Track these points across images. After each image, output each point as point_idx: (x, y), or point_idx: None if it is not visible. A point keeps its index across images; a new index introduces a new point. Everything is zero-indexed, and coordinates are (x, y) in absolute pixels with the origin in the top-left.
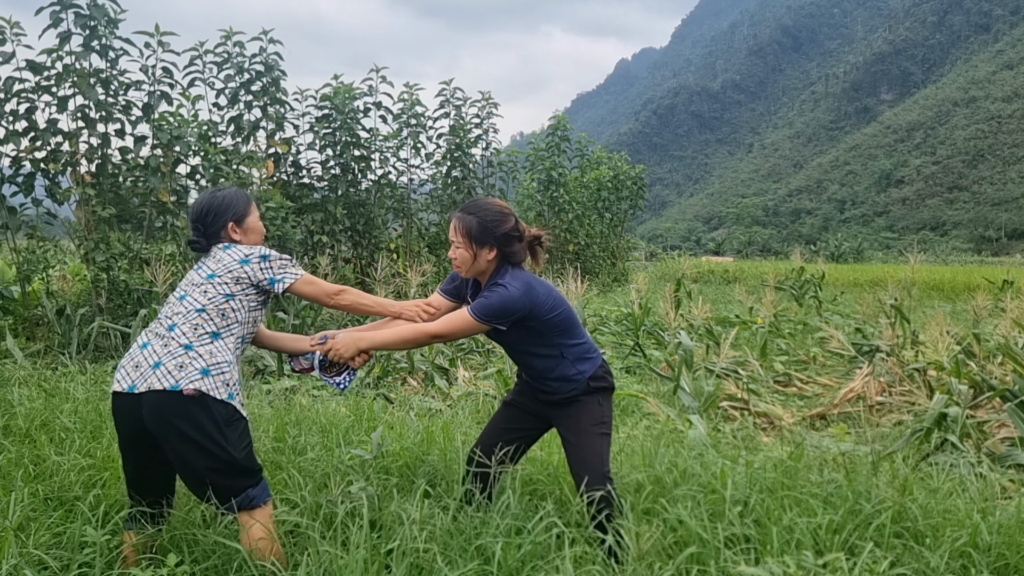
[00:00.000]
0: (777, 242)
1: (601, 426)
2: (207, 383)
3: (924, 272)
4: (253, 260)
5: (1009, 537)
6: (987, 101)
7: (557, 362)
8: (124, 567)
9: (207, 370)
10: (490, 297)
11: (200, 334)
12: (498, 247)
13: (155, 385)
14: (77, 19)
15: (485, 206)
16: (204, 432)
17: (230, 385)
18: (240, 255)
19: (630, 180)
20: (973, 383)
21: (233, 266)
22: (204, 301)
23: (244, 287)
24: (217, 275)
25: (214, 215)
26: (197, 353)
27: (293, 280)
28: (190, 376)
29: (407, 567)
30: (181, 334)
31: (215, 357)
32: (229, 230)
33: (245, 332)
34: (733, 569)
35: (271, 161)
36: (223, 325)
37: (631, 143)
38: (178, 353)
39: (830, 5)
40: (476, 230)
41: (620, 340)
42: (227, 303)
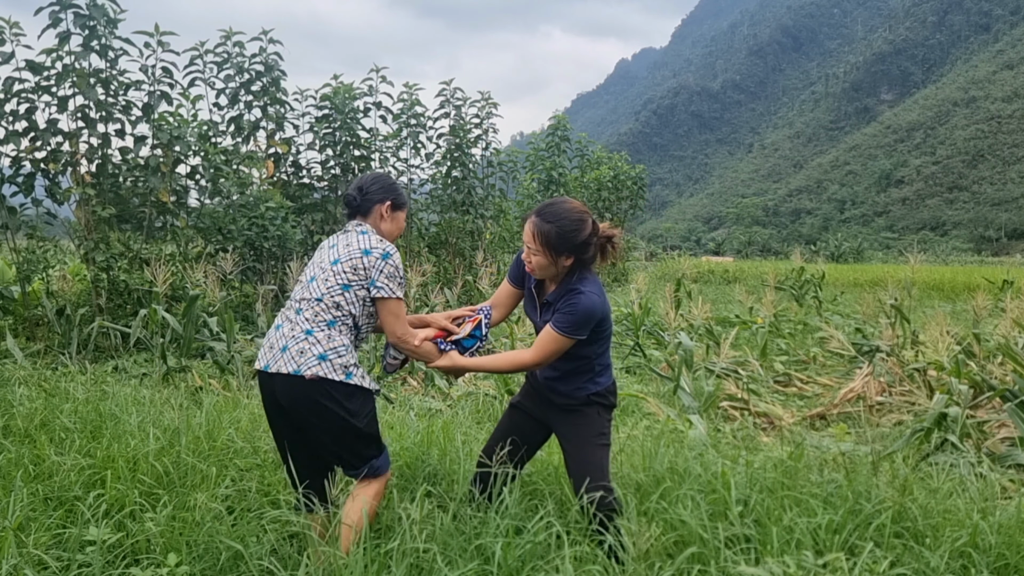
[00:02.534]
0: (777, 242)
1: (601, 437)
2: (324, 367)
3: (924, 272)
4: (375, 253)
5: (1009, 537)
6: (987, 101)
7: (581, 370)
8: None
9: (324, 355)
10: (574, 309)
11: (319, 320)
12: (575, 255)
13: (282, 368)
14: (76, 19)
15: (564, 214)
16: (327, 409)
17: (348, 367)
18: (366, 244)
19: (630, 180)
20: (973, 383)
21: (356, 254)
22: (323, 290)
23: (361, 278)
24: (341, 261)
25: (380, 187)
26: (316, 339)
27: (387, 295)
28: (309, 363)
29: (407, 567)
30: (304, 320)
31: (332, 342)
32: (384, 207)
33: (362, 323)
34: (733, 569)
35: (271, 161)
36: (338, 315)
37: (631, 143)
38: (300, 338)
39: (830, 5)
40: (555, 239)
41: (620, 340)
42: (342, 295)
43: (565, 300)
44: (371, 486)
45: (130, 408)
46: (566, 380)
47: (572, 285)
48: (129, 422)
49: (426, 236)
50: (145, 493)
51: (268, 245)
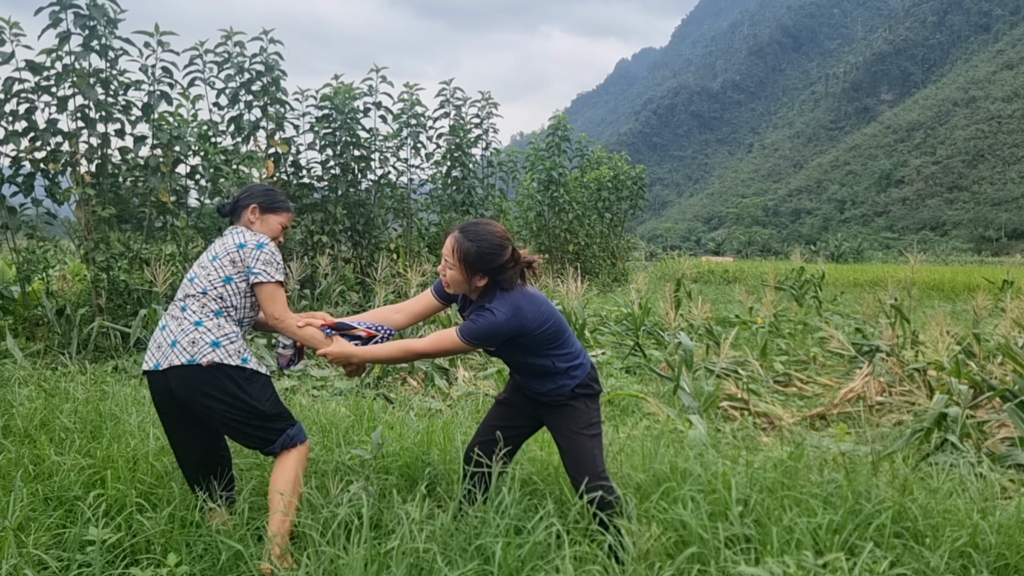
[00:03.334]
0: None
1: (591, 428)
2: (219, 353)
3: (924, 272)
4: (250, 244)
5: (1009, 537)
6: (987, 101)
7: (547, 370)
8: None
9: (217, 342)
10: (477, 321)
11: (207, 311)
12: (489, 276)
13: (175, 361)
14: (76, 19)
15: (486, 236)
16: (229, 393)
17: (242, 352)
18: (241, 239)
19: (630, 180)
20: (973, 383)
21: (231, 248)
22: (206, 284)
23: (239, 270)
24: (219, 256)
25: (250, 193)
26: (206, 328)
27: (265, 279)
28: (203, 351)
29: (407, 567)
30: (192, 312)
31: (222, 329)
32: (249, 210)
33: (243, 316)
34: (733, 569)
35: (271, 161)
36: (222, 306)
37: (631, 143)
38: (190, 330)
39: (830, 5)
40: (472, 258)
41: (620, 340)
42: (224, 287)
43: (475, 310)
44: (289, 456)
45: (130, 408)
46: (540, 385)
47: (484, 303)
48: (129, 422)
49: (426, 236)
50: (145, 493)
51: None
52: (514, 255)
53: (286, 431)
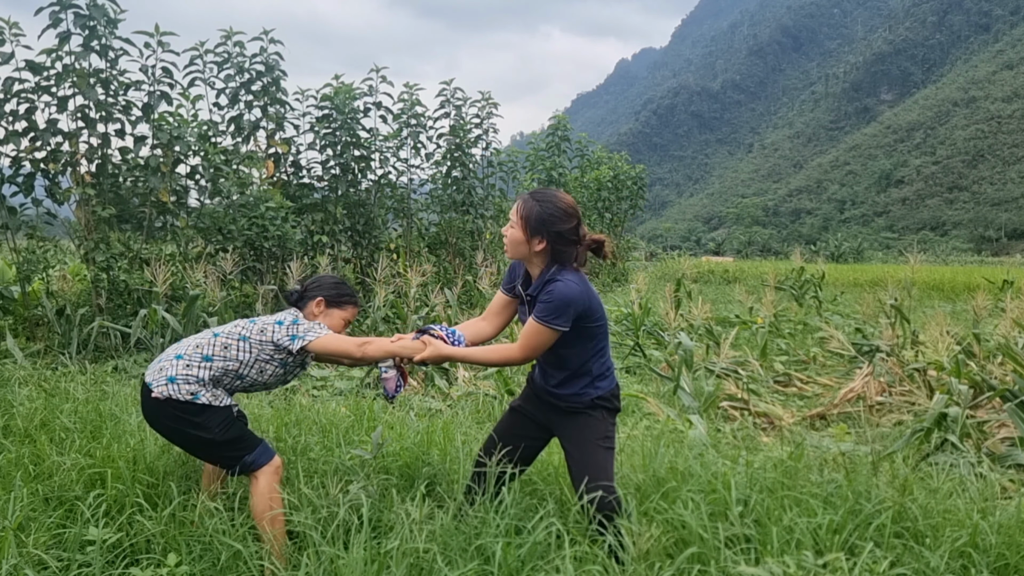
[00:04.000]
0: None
1: (605, 440)
2: (170, 388)
3: (924, 272)
4: (285, 324)
5: (1009, 537)
6: (987, 101)
7: (579, 370)
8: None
9: (173, 378)
10: (551, 296)
11: (197, 351)
12: (549, 242)
13: (145, 377)
14: (76, 19)
15: (554, 199)
16: (175, 426)
17: (193, 392)
18: (281, 317)
19: (630, 180)
20: (973, 383)
21: (268, 321)
22: (222, 331)
23: (263, 339)
24: (256, 322)
25: (318, 285)
26: (175, 364)
27: (314, 337)
28: (159, 381)
29: (407, 567)
30: (187, 347)
31: (189, 370)
32: (314, 303)
33: (246, 372)
34: (733, 569)
35: (271, 161)
36: (219, 354)
37: (631, 143)
38: (168, 357)
39: (830, 5)
40: (535, 218)
41: (620, 340)
42: (236, 342)
43: (543, 290)
44: (258, 481)
45: (130, 408)
46: (566, 385)
47: (549, 276)
48: (129, 422)
49: (426, 236)
50: (145, 493)
51: (268, 245)
52: (578, 229)
53: (242, 458)
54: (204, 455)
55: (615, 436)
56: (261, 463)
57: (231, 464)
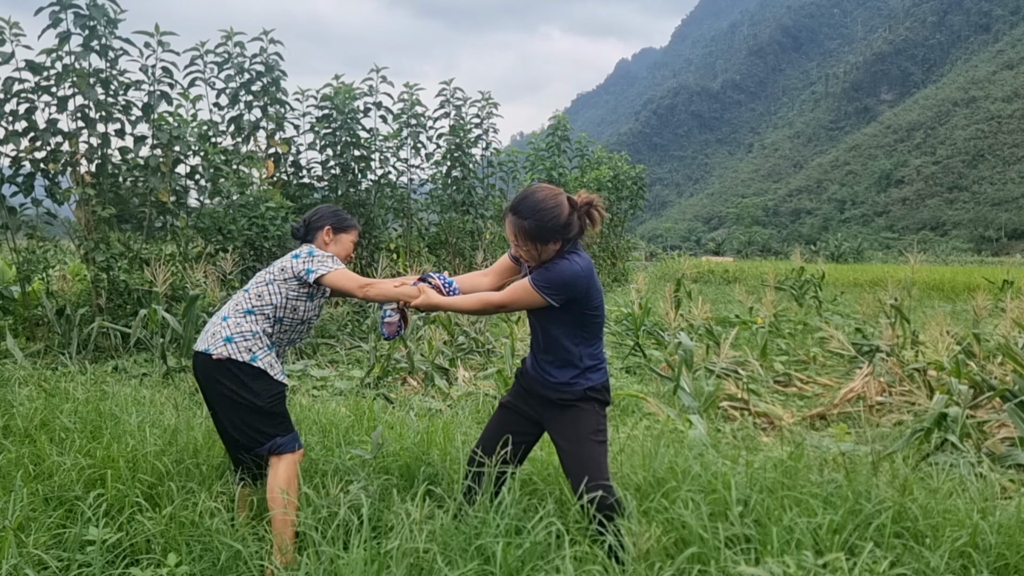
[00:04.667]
0: (777, 242)
1: (597, 434)
2: (229, 348)
3: (924, 272)
4: (301, 256)
5: (1009, 537)
6: (987, 101)
7: (570, 358)
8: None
9: (230, 338)
10: (552, 268)
11: (238, 308)
12: (562, 238)
13: (199, 347)
14: (76, 19)
15: (538, 205)
16: (233, 385)
17: (252, 350)
18: (295, 251)
19: (630, 180)
20: (973, 383)
21: (286, 259)
22: (251, 284)
23: (286, 276)
24: (273, 265)
25: (321, 215)
26: (227, 324)
27: (326, 271)
28: (216, 344)
29: (407, 567)
30: (227, 307)
31: (240, 327)
32: (324, 232)
33: (282, 315)
34: (733, 569)
35: (271, 161)
36: (257, 304)
37: (631, 143)
38: (217, 323)
39: (830, 5)
40: (536, 232)
41: (620, 340)
42: (266, 288)
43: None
44: (279, 466)
45: (130, 408)
46: (556, 373)
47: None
48: (129, 422)
49: (426, 236)
50: (145, 493)
51: (268, 245)
52: (571, 204)
53: (276, 437)
54: (241, 424)
55: (607, 429)
56: (289, 448)
57: (262, 440)
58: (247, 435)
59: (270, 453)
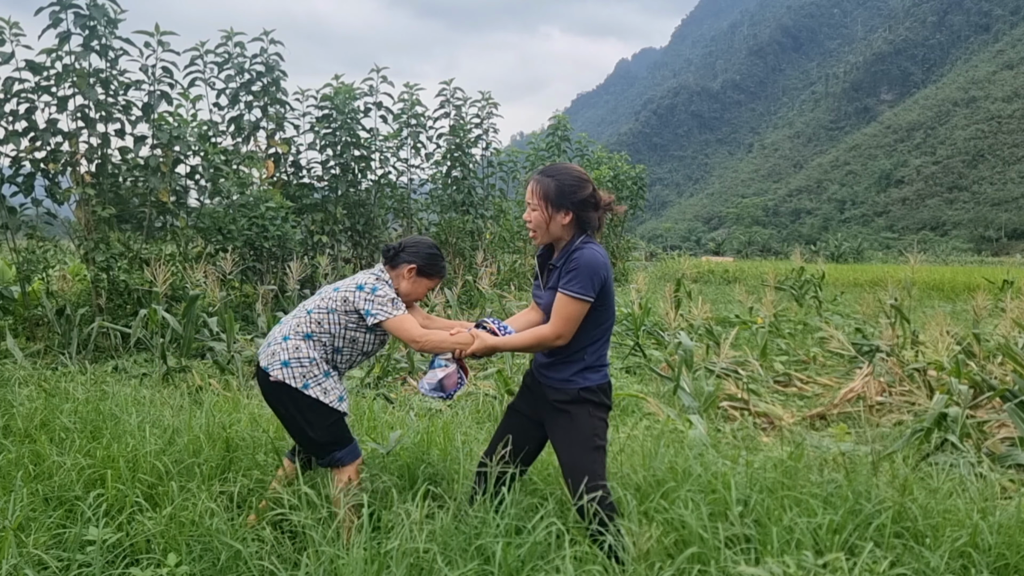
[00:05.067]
0: (777, 242)
1: (593, 439)
2: (284, 372)
3: (924, 272)
4: (366, 289)
5: (1009, 537)
6: (987, 101)
7: (575, 356)
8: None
9: (287, 362)
10: (577, 263)
11: (299, 330)
12: (575, 212)
13: (261, 363)
14: (76, 19)
15: (564, 170)
16: (287, 410)
17: (306, 377)
18: (363, 280)
19: (630, 180)
20: (973, 383)
21: (351, 287)
22: (314, 306)
23: (347, 308)
24: (340, 289)
25: (416, 251)
26: (286, 346)
27: (385, 318)
28: (274, 365)
29: (407, 567)
30: (290, 326)
31: (299, 352)
32: (407, 267)
33: (341, 345)
34: (733, 569)
35: (271, 161)
36: (316, 330)
37: (631, 143)
38: (277, 341)
39: (830, 5)
40: (554, 193)
41: (620, 340)
42: (326, 316)
43: (567, 259)
44: (341, 474)
45: (130, 408)
46: (557, 367)
47: (574, 246)
48: (129, 422)
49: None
50: (145, 493)
51: (268, 245)
52: (595, 194)
53: (333, 454)
54: (300, 441)
55: (605, 433)
56: (348, 461)
57: (321, 456)
58: (306, 448)
59: (330, 466)
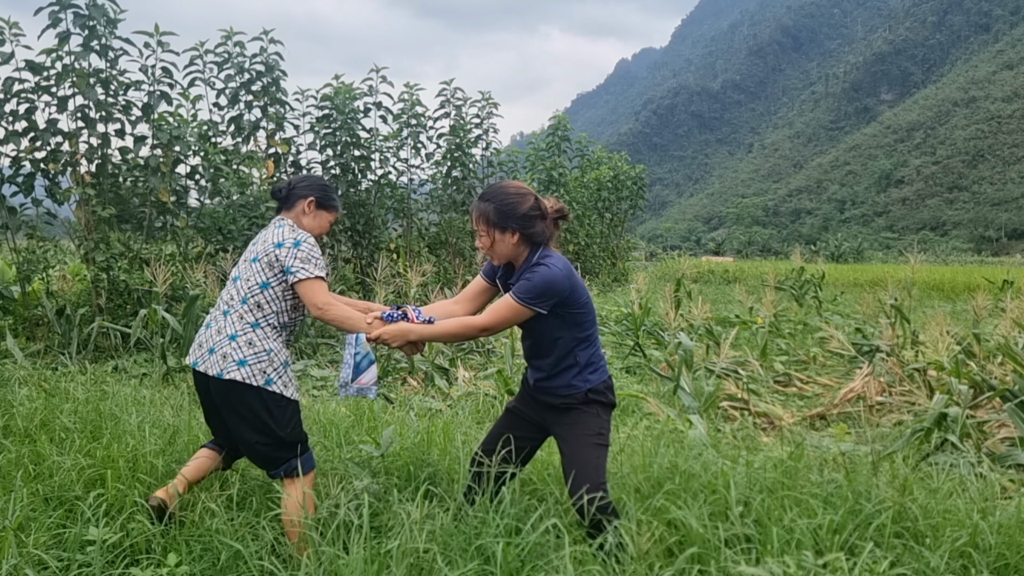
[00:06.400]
0: (777, 242)
1: (598, 437)
2: (243, 372)
3: (924, 272)
4: (287, 243)
5: (1009, 537)
6: (987, 101)
7: (567, 360)
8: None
9: (243, 361)
10: (532, 278)
11: (244, 323)
12: (519, 230)
13: (210, 370)
14: (76, 19)
15: (500, 190)
16: (252, 410)
17: (267, 372)
18: (279, 237)
19: (630, 180)
20: (973, 383)
21: (270, 249)
22: (245, 291)
23: (276, 272)
24: (259, 258)
25: (308, 184)
26: (238, 344)
27: (304, 276)
28: (229, 367)
29: (407, 567)
30: (231, 323)
31: (253, 347)
32: (306, 202)
33: (285, 320)
34: (733, 569)
35: (271, 161)
36: (260, 316)
37: (631, 143)
38: (225, 343)
39: (830, 5)
40: (494, 215)
41: (620, 340)
42: (261, 293)
43: (524, 271)
44: (292, 489)
45: (130, 408)
46: (555, 377)
47: (533, 262)
48: (129, 422)
49: (426, 236)
50: (145, 493)
51: None
52: (538, 204)
53: (291, 460)
54: (259, 447)
55: (609, 432)
56: (307, 468)
57: (278, 464)
58: (261, 458)
59: (286, 475)
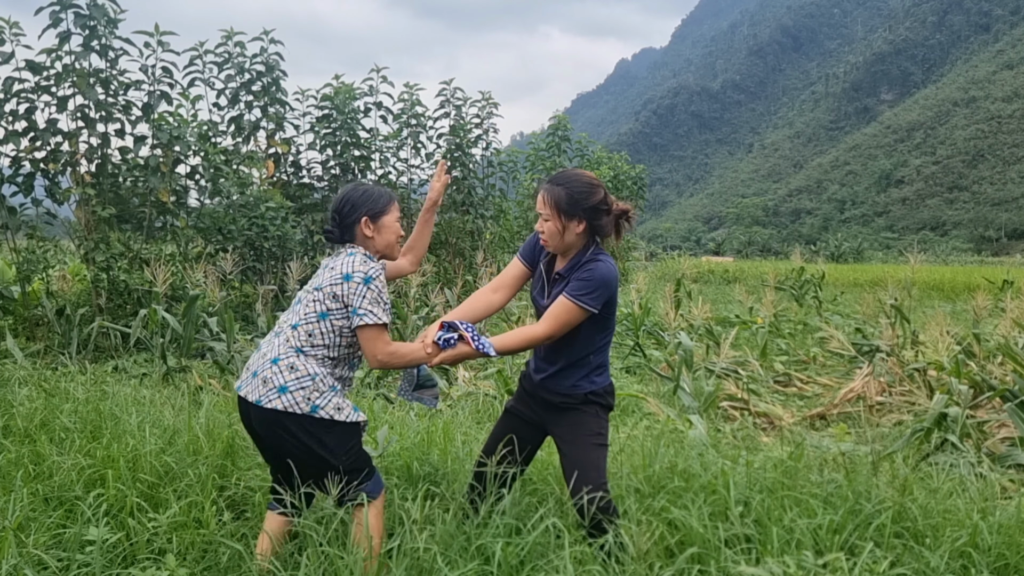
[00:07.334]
0: (777, 242)
1: (598, 437)
2: (284, 400)
3: (924, 272)
4: (356, 278)
5: (1009, 537)
6: (987, 101)
7: (579, 358)
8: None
9: (284, 387)
10: (589, 277)
11: (288, 347)
12: (587, 220)
13: (250, 396)
14: (76, 19)
15: (574, 177)
16: (299, 440)
17: (312, 399)
18: (348, 268)
19: (630, 180)
20: (973, 383)
21: (337, 280)
22: (301, 316)
23: (341, 306)
24: (323, 287)
25: (351, 206)
26: (278, 368)
27: (368, 322)
28: (269, 395)
29: (407, 567)
30: (277, 346)
31: (295, 372)
32: (363, 224)
33: (339, 354)
34: (733, 569)
35: (271, 161)
36: (307, 344)
37: (631, 143)
38: (267, 366)
39: (830, 5)
40: (566, 202)
41: (620, 340)
42: (318, 323)
43: (580, 269)
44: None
45: (130, 408)
46: (561, 376)
47: (587, 257)
48: (129, 422)
49: None
50: (145, 493)
51: (268, 245)
52: (607, 199)
53: (359, 487)
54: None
55: (608, 433)
56: (375, 494)
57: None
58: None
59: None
